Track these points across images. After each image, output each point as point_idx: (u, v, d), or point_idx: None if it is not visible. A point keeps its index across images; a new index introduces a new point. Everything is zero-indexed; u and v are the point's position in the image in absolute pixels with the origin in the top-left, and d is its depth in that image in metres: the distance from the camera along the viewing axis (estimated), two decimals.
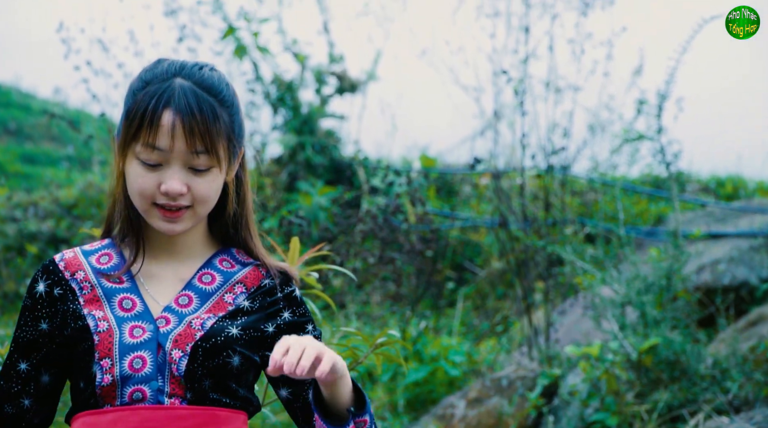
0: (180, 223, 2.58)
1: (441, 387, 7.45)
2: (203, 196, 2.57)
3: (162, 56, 2.68)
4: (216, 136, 2.53)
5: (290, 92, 10.45)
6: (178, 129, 2.50)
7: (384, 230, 8.72)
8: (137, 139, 2.52)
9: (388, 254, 8.56)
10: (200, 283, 2.67)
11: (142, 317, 2.58)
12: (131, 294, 2.63)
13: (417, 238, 8.86)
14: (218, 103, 2.56)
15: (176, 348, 2.53)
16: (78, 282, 2.64)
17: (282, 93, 10.43)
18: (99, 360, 2.53)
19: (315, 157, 10.22)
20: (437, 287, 9.31)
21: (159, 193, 2.53)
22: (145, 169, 2.53)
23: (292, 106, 10.46)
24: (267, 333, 2.62)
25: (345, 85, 10.63)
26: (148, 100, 2.53)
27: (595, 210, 9.22)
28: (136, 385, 2.52)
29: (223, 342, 2.55)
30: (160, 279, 2.67)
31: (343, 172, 10.35)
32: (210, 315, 2.60)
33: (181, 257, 2.70)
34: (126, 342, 2.53)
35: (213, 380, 2.54)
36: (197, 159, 2.52)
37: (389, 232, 8.77)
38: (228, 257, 2.74)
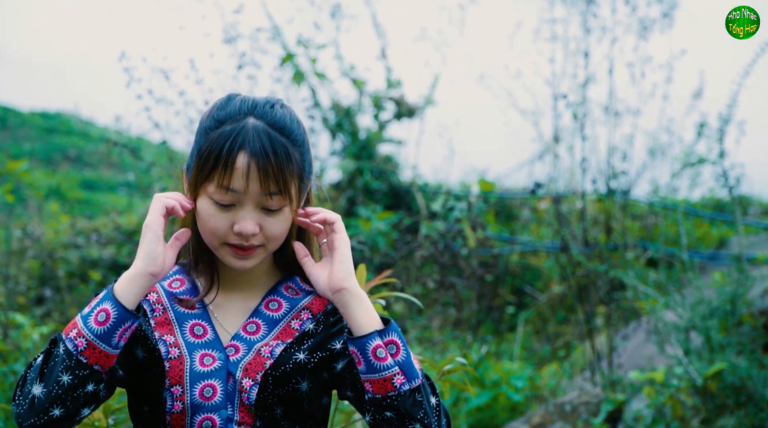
0: (251, 260, 2.58)
1: (503, 413, 7.42)
2: (275, 235, 2.56)
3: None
4: (289, 177, 2.52)
5: (348, 118, 10.49)
6: (252, 171, 2.49)
7: (444, 255, 8.70)
8: (211, 179, 2.51)
9: (448, 279, 8.54)
10: (267, 310, 2.67)
11: (213, 345, 2.58)
12: (202, 320, 2.63)
13: (477, 263, 8.84)
14: (290, 142, 2.56)
15: (247, 377, 2.52)
16: (150, 303, 2.65)
17: (340, 118, 10.46)
18: (170, 387, 2.52)
19: (373, 182, 10.23)
20: (498, 312, 9.28)
21: (231, 233, 2.53)
22: (217, 209, 2.53)
23: (351, 131, 10.49)
24: (335, 350, 2.62)
25: (403, 110, 10.64)
26: (222, 141, 2.52)
27: (655, 234, 9.16)
28: (206, 413, 2.52)
29: (292, 370, 2.54)
30: (228, 309, 2.67)
31: (401, 196, 10.35)
32: (278, 342, 2.60)
33: (247, 287, 2.71)
34: (197, 370, 2.54)
35: (284, 407, 2.55)
36: (270, 200, 2.52)
37: (449, 257, 8.75)
38: (293, 284, 2.73)
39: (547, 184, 9.04)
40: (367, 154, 10.43)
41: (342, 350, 2.62)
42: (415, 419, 2.45)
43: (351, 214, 10.11)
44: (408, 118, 10.72)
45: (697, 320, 6.40)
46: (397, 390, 2.45)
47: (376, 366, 2.46)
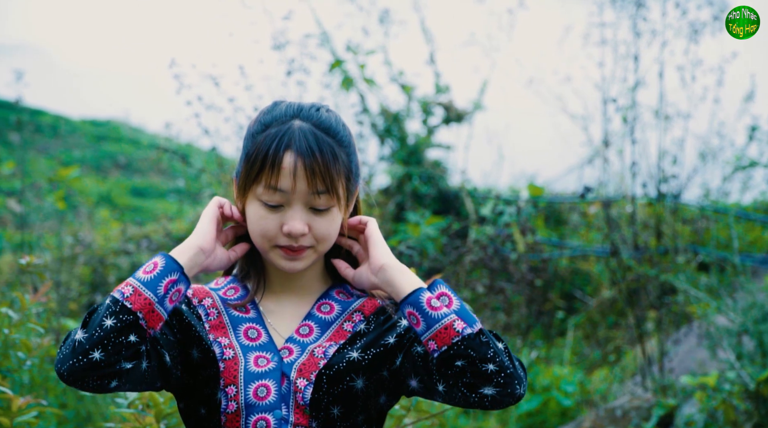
0: (301, 261, 2.60)
1: (553, 418, 7.40)
2: (324, 236, 2.58)
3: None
4: (336, 176, 2.55)
5: (397, 123, 10.50)
6: (299, 170, 2.53)
7: (493, 260, 8.69)
8: (258, 181, 2.55)
9: (497, 284, 8.53)
10: (319, 313, 2.69)
11: (267, 347, 2.60)
12: (256, 324, 2.65)
13: (526, 268, 8.82)
14: (336, 143, 2.59)
15: (301, 377, 2.54)
16: (205, 308, 2.67)
17: (389, 124, 10.47)
18: (224, 387, 2.55)
19: (422, 187, 10.24)
20: (547, 316, 9.25)
21: (281, 234, 2.56)
22: (266, 211, 2.56)
23: (399, 136, 10.50)
24: (389, 345, 2.62)
25: (451, 115, 10.64)
26: (269, 142, 2.57)
27: (706, 238, 9.09)
28: (260, 413, 2.54)
29: (346, 368, 2.55)
30: (280, 314, 2.69)
31: (450, 201, 10.35)
32: (331, 343, 2.61)
33: (299, 293, 2.72)
34: (251, 370, 2.55)
35: (341, 407, 2.56)
36: (318, 199, 2.54)
37: (498, 262, 8.74)
38: (344, 290, 2.75)
39: (597, 188, 9.01)
40: (415, 159, 10.44)
41: (396, 344, 2.61)
42: (486, 359, 2.41)
43: (400, 219, 10.12)
44: (457, 122, 10.71)
45: (749, 324, 6.35)
46: (461, 335, 2.42)
47: (434, 315, 2.45)
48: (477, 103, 10.69)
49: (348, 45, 10.32)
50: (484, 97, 10.74)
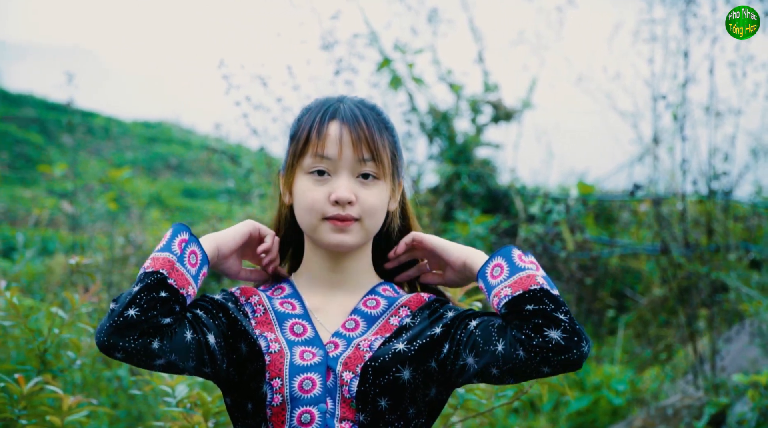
0: (350, 234, 2.62)
1: (604, 417, 7.36)
2: (371, 207, 2.62)
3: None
4: (381, 146, 2.62)
5: (445, 122, 10.49)
6: (345, 137, 2.59)
7: (542, 258, 8.66)
8: (305, 153, 2.62)
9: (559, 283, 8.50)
10: (365, 308, 2.70)
11: (313, 342, 2.61)
12: (303, 320, 2.67)
13: (576, 266, 8.79)
14: (381, 122, 2.67)
15: (347, 371, 2.54)
16: (252, 305, 2.69)
17: (437, 123, 10.47)
18: (270, 380, 2.55)
19: (471, 186, 10.22)
20: (598, 315, 9.21)
21: (329, 204, 2.59)
22: (313, 183, 2.61)
23: (448, 135, 10.49)
24: (435, 335, 2.60)
25: (500, 113, 10.62)
26: (314, 116, 2.64)
27: (759, 235, 9.01)
28: (305, 407, 2.53)
29: (391, 359, 2.55)
30: (327, 311, 2.71)
31: (499, 200, 10.33)
32: (377, 337, 2.62)
33: (346, 288, 2.74)
34: (296, 363, 2.56)
35: (387, 399, 2.54)
36: (364, 167, 2.60)
37: (548, 260, 8.71)
38: (389, 287, 2.78)
39: (647, 185, 8.95)
40: (464, 157, 10.42)
41: (443, 333, 2.61)
42: (558, 310, 2.44)
43: (449, 218, 10.11)
44: (505, 121, 10.69)
45: None
46: (540, 285, 2.46)
47: (521, 266, 2.50)
48: (526, 101, 10.66)
49: (396, 44, 10.32)
50: (533, 96, 10.72)
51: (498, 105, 10.63)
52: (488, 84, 10.72)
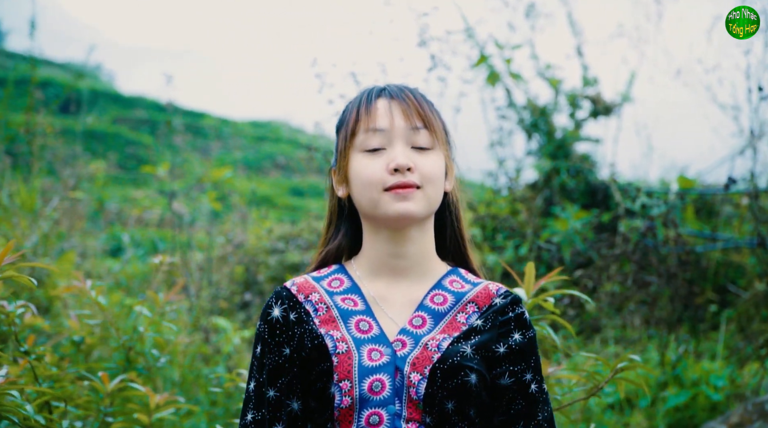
0: (413, 202, 2.60)
1: (702, 413, 7.27)
2: (430, 174, 2.62)
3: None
4: (431, 116, 2.65)
5: (544, 117, 10.44)
6: (395, 108, 2.63)
7: (642, 253, 8.58)
8: (357, 131, 2.65)
9: (645, 277, 8.42)
10: (432, 304, 2.68)
11: (379, 340, 2.61)
12: (367, 316, 2.66)
13: (676, 261, 8.69)
14: (427, 101, 2.72)
15: (415, 372, 2.54)
16: (313, 303, 2.69)
17: (536, 118, 10.42)
18: (338, 382, 2.54)
19: (570, 182, 10.16)
20: (698, 310, 9.09)
21: (388, 174, 2.60)
22: (369, 159, 2.62)
23: (546, 130, 10.44)
24: (498, 354, 2.63)
25: (599, 107, 10.53)
26: (359, 98, 2.70)
27: None
28: (373, 408, 2.53)
29: (460, 362, 2.55)
30: (392, 301, 2.69)
31: (599, 195, 10.25)
32: (444, 335, 2.61)
33: (411, 276, 2.72)
34: (365, 364, 2.55)
35: (454, 402, 2.54)
36: (418, 135, 2.62)
37: (647, 255, 8.62)
38: (457, 277, 2.77)
39: (748, 179, 8.82)
40: (563, 153, 10.36)
41: (505, 355, 2.64)
42: None
43: (547, 213, 10.06)
44: (605, 115, 10.59)
45: None
46: None
47: None
48: (625, 95, 10.56)
49: (495, 40, 10.30)
50: (632, 89, 10.61)
51: (597, 99, 10.54)
52: (587, 78, 10.63)
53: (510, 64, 10.34)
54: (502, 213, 9.78)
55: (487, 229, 9.41)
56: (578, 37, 10.70)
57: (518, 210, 9.84)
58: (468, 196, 10.59)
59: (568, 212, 9.49)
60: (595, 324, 8.33)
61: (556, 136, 10.45)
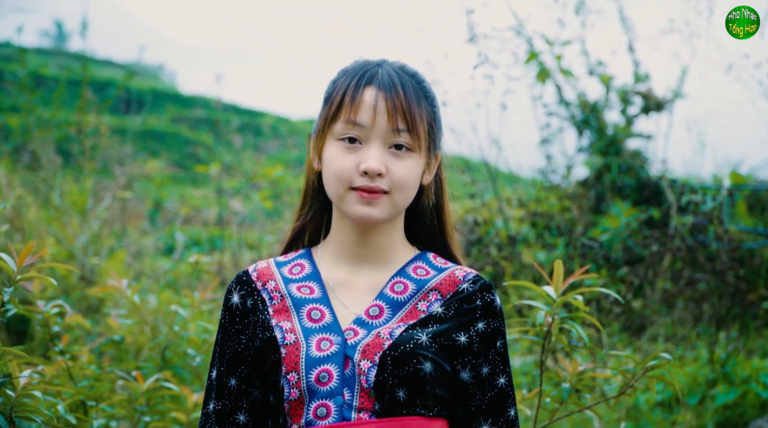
0: (377, 207, 2.49)
1: (752, 410, 7.21)
2: (401, 181, 2.49)
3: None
4: (418, 117, 2.48)
5: (595, 114, 10.38)
6: (380, 104, 2.46)
7: (693, 250, 8.52)
8: (337, 118, 2.49)
9: (696, 274, 8.35)
10: (392, 293, 2.57)
11: (330, 329, 2.50)
12: (321, 304, 2.55)
13: (728, 258, 8.61)
14: (421, 90, 2.53)
15: (365, 359, 2.44)
16: (269, 291, 2.59)
17: (586, 115, 10.37)
18: (286, 374, 2.46)
19: (621, 178, 10.10)
20: (750, 307, 8.99)
21: (357, 174, 2.47)
22: (343, 151, 2.48)
23: (597, 127, 10.38)
24: (458, 344, 2.51)
25: (650, 103, 10.45)
26: (349, 79, 2.52)
27: None
28: (321, 400, 2.44)
29: (412, 349, 2.44)
30: (352, 287, 2.59)
31: (650, 191, 10.17)
32: (400, 324, 2.50)
33: (376, 264, 2.61)
34: (312, 355, 2.46)
35: (407, 390, 2.43)
36: (398, 138, 2.47)
37: (698, 252, 8.55)
38: (423, 263, 2.64)
39: None
40: (614, 149, 10.30)
41: (466, 346, 2.52)
42: None
43: (598, 210, 10.01)
44: (656, 111, 10.52)
45: None
46: None
47: None
48: (676, 91, 10.47)
49: (545, 37, 10.26)
50: (683, 85, 10.52)
51: (648, 95, 10.46)
52: (638, 74, 10.56)
53: (560, 60, 10.29)
54: (552, 210, 9.74)
55: (538, 227, 9.38)
56: (629, 33, 10.64)
57: (568, 207, 9.80)
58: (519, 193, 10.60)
59: (618, 208, 9.44)
60: (641, 322, 8.27)
61: (607, 132, 10.39)
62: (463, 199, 10.33)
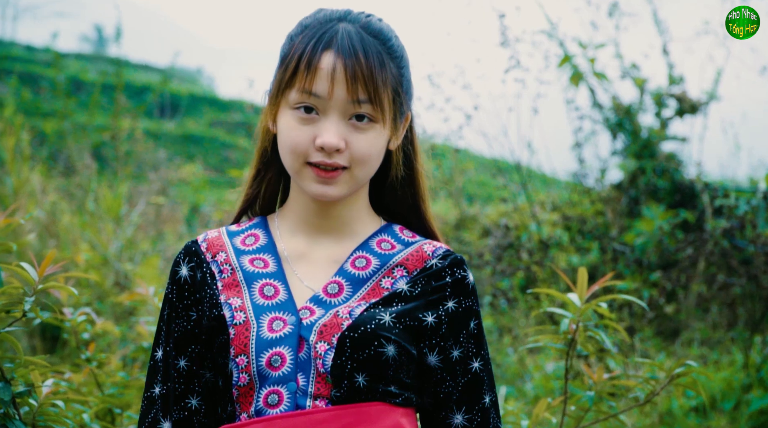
0: (334, 186, 2.26)
1: None
2: (362, 156, 2.26)
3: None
4: (381, 85, 2.24)
5: (629, 117, 10.33)
6: (338, 73, 2.21)
7: (729, 253, 8.46)
8: (292, 85, 2.25)
9: (730, 278, 8.30)
10: (353, 268, 2.34)
11: (284, 307, 2.28)
12: (275, 279, 2.33)
13: (762, 261, 8.54)
14: (386, 50, 2.28)
15: (322, 341, 2.22)
16: (218, 264, 2.37)
17: (620, 118, 10.32)
18: (235, 357, 2.24)
19: (656, 181, 10.05)
20: None
21: (313, 148, 2.24)
22: (298, 121, 2.25)
23: (631, 130, 10.34)
24: (425, 324, 2.28)
25: (685, 106, 10.39)
26: (307, 41, 2.25)
27: None
28: (272, 386, 2.21)
29: (373, 331, 2.21)
30: (310, 260, 2.37)
31: (685, 195, 10.11)
32: (361, 302, 2.28)
33: (337, 235, 2.38)
34: (264, 336, 2.24)
35: (367, 376, 2.21)
36: (358, 109, 2.23)
37: (734, 255, 8.49)
38: (389, 237, 2.41)
39: None
40: (648, 152, 10.24)
41: (434, 326, 2.29)
42: None
43: (633, 214, 9.96)
44: (690, 114, 10.45)
45: None
46: None
47: None
48: (711, 93, 10.40)
49: (578, 40, 10.23)
50: (718, 87, 10.45)
51: (682, 98, 10.39)
52: (673, 76, 10.50)
53: (594, 63, 10.25)
54: (586, 214, 9.71)
55: (571, 231, 9.35)
56: (664, 36, 10.58)
57: (602, 210, 9.76)
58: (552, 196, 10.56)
59: (653, 211, 9.39)
60: (675, 326, 8.22)
61: (641, 135, 10.34)
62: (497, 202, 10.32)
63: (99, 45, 55.21)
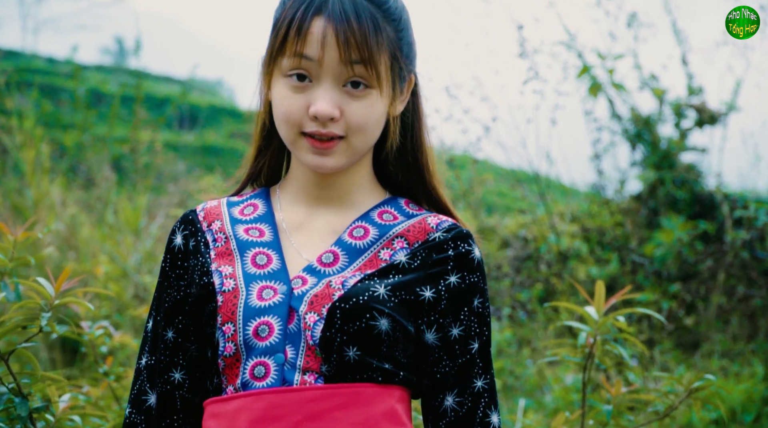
0: (331, 157, 2.18)
1: None
2: (358, 124, 2.16)
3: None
4: (376, 48, 2.14)
5: (648, 127, 10.31)
6: (329, 37, 2.12)
7: (749, 264, 8.43)
8: (283, 52, 2.17)
9: (751, 290, 8.26)
10: (350, 238, 2.25)
11: (276, 276, 2.20)
12: (269, 248, 2.25)
13: None
14: (381, 13, 2.18)
15: (311, 312, 2.12)
16: (213, 232, 2.31)
17: (639, 129, 10.30)
18: (221, 325, 2.16)
19: (675, 192, 10.02)
20: None
21: (307, 117, 2.16)
22: (291, 90, 2.17)
23: (650, 141, 10.31)
24: (423, 299, 2.18)
25: (704, 117, 10.35)
26: (297, 6, 2.16)
27: None
28: (258, 357, 2.13)
29: (366, 303, 2.11)
30: (308, 230, 2.29)
31: (704, 206, 10.08)
32: (356, 273, 2.18)
33: (338, 206, 2.30)
34: (252, 304, 2.15)
35: (357, 350, 2.11)
36: (352, 72, 2.13)
37: (754, 267, 8.46)
38: (392, 208, 2.32)
39: None
40: (667, 163, 10.22)
41: (432, 302, 2.19)
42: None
43: (652, 225, 9.93)
44: (710, 125, 10.42)
45: None
46: None
47: None
48: (731, 104, 10.37)
49: (596, 50, 10.21)
50: (738, 98, 10.41)
51: (702, 108, 10.36)
52: (692, 87, 10.47)
53: (613, 74, 10.23)
54: (605, 225, 9.69)
55: (591, 242, 9.33)
56: (683, 46, 10.55)
57: (621, 222, 9.74)
58: (571, 207, 10.54)
59: (673, 223, 9.36)
60: (695, 338, 8.19)
61: (660, 146, 10.31)
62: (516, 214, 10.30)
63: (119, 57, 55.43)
